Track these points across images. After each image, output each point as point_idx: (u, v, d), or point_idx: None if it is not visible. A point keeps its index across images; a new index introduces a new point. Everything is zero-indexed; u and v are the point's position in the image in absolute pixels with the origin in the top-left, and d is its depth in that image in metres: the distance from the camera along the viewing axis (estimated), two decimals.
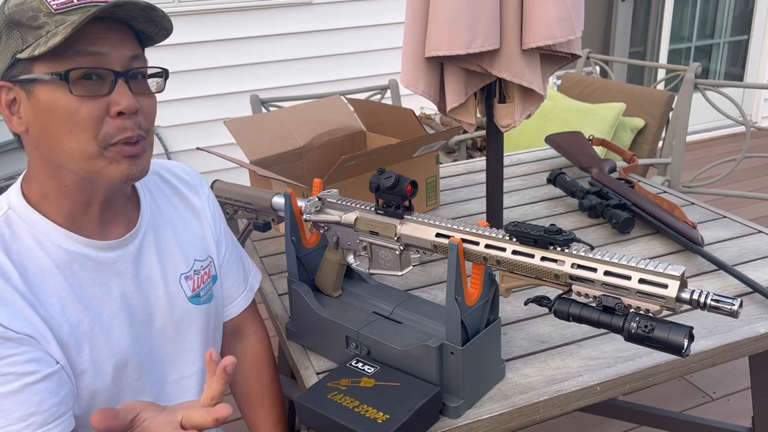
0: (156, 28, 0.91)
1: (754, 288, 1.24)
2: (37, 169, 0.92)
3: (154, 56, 0.95)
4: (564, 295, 0.86)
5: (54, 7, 0.84)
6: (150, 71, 0.93)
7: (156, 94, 0.95)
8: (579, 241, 0.86)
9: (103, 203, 0.95)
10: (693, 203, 1.71)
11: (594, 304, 0.83)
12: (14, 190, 0.93)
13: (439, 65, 1.41)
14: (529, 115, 1.43)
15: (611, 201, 1.61)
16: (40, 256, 0.90)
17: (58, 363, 0.87)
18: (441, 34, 1.31)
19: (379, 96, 2.81)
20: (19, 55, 0.84)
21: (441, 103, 1.46)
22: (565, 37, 1.30)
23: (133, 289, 0.98)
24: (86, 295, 0.93)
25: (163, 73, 0.95)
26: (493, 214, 1.53)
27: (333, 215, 1.10)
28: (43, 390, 0.84)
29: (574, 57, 1.39)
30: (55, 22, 0.83)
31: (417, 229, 0.99)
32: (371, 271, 1.08)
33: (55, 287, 0.90)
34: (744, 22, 5.01)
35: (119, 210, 0.99)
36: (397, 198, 1.00)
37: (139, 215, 1.02)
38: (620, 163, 1.89)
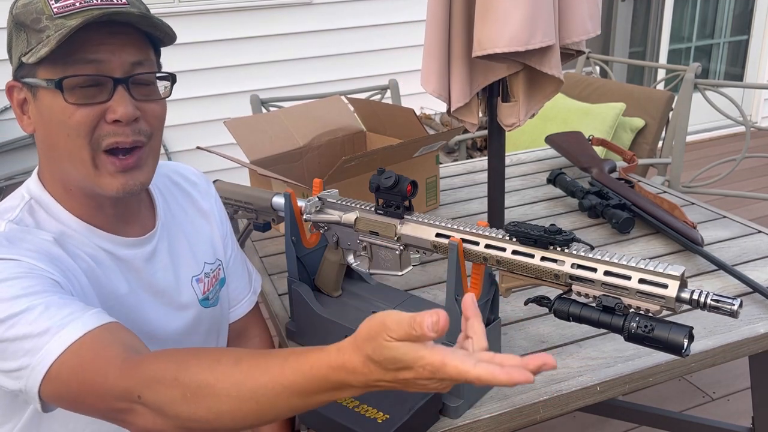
0: (161, 32, 0.89)
1: (754, 288, 1.24)
2: (45, 170, 0.92)
3: None
4: (564, 295, 0.86)
5: (55, 10, 0.82)
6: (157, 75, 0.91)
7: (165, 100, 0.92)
8: (579, 241, 0.86)
9: (115, 205, 0.94)
10: (693, 203, 1.70)
11: (594, 304, 0.83)
12: (33, 181, 0.93)
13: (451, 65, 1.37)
14: (533, 114, 1.42)
15: (611, 201, 1.61)
16: (68, 242, 0.90)
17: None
18: (499, 31, 1.24)
19: (379, 96, 2.81)
20: (23, 59, 0.84)
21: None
22: (594, 32, 1.30)
23: (141, 290, 0.98)
24: (102, 286, 0.92)
25: (170, 78, 0.92)
26: (495, 214, 1.53)
27: (333, 215, 1.10)
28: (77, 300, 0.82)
29: (579, 53, 1.39)
30: (55, 26, 0.82)
31: (417, 229, 0.98)
32: (371, 271, 1.08)
33: (83, 269, 0.89)
34: (744, 22, 5.00)
35: (133, 211, 0.98)
36: (397, 198, 1.00)
37: (156, 217, 1.02)
38: (620, 163, 1.89)
